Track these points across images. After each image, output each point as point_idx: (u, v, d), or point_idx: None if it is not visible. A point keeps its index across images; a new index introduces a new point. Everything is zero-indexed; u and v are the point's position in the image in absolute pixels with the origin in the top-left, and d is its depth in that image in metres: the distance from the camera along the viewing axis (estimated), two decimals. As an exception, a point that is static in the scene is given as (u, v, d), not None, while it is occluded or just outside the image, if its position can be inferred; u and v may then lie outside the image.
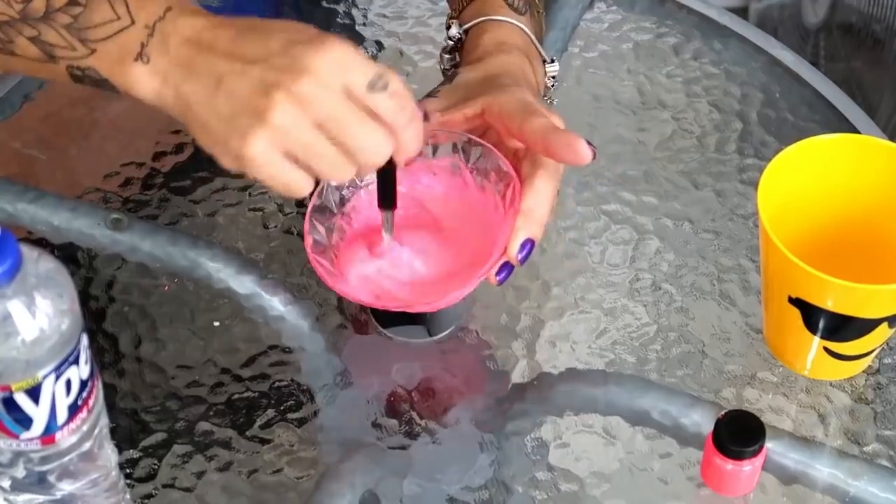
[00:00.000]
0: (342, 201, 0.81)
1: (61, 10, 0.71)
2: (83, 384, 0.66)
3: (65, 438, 0.66)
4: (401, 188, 0.78)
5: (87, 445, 0.68)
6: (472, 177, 0.81)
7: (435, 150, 0.81)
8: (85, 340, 0.65)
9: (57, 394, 0.64)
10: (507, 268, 0.77)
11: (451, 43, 0.87)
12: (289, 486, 0.79)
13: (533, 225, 0.76)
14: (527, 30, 0.86)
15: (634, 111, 1.01)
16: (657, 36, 1.06)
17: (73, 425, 0.66)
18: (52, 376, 0.63)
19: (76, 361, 0.64)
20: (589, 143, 0.74)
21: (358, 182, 0.81)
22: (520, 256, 0.76)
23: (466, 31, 0.86)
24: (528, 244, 0.76)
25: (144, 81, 0.71)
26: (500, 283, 0.77)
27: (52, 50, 0.72)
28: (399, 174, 0.80)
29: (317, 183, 0.77)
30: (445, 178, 0.82)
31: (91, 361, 0.66)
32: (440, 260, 0.80)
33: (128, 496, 0.75)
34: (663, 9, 1.07)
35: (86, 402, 0.66)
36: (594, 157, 0.74)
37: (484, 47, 0.84)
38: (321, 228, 0.79)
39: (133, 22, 0.71)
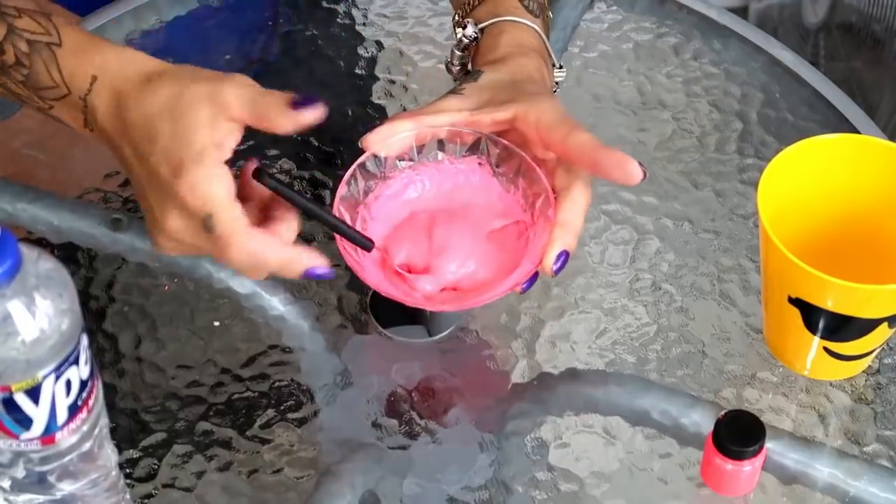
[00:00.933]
0: (367, 191, 0.81)
1: (13, 67, 0.74)
2: (83, 384, 0.66)
3: (65, 439, 0.66)
4: (425, 188, 0.82)
5: (87, 445, 0.68)
6: (498, 180, 0.81)
7: (461, 149, 0.81)
8: (85, 340, 0.65)
9: (57, 394, 0.64)
10: (533, 278, 0.77)
11: (465, 41, 0.87)
12: (289, 486, 0.80)
13: (569, 236, 0.77)
14: (542, 33, 0.86)
15: (634, 111, 1.01)
16: (657, 36, 1.06)
17: (73, 425, 0.66)
18: (52, 376, 0.63)
19: (76, 362, 0.64)
20: (640, 164, 0.74)
21: (385, 172, 0.81)
22: (555, 267, 0.76)
23: (482, 30, 0.86)
24: (564, 255, 0.76)
25: (98, 142, 0.75)
26: (524, 291, 0.78)
27: (19, 98, 0.76)
28: (426, 172, 0.81)
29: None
30: (470, 174, 0.82)
31: (91, 361, 0.66)
32: (465, 260, 0.80)
33: (128, 496, 0.75)
34: (663, 9, 1.07)
35: (86, 402, 0.66)
36: (645, 177, 0.74)
37: (504, 48, 0.84)
38: (346, 216, 0.79)
39: (69, 92, 0.74)
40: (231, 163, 0.96)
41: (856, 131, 0.96)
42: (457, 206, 0.82)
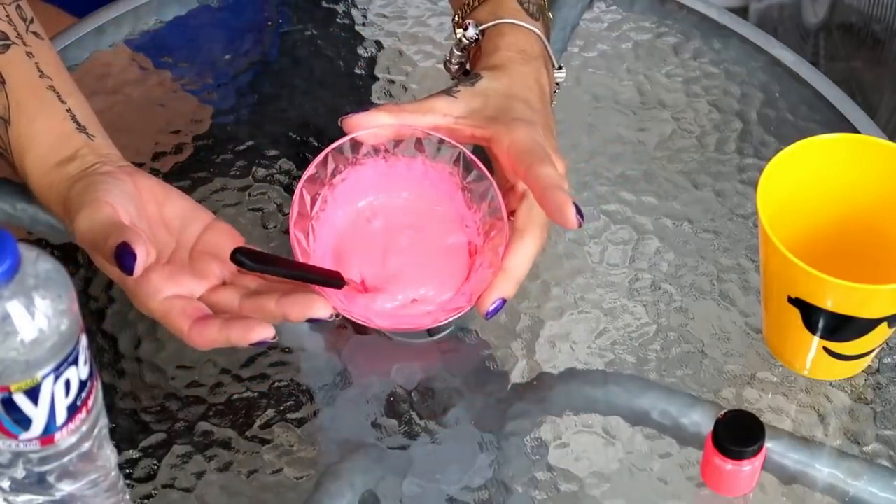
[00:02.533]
0: (334, 173, 0.81)
1: None
2: (82, 385, 0.66)
3: (64, 439, 0.66)
4: (392, 184, 0.82)
5: (86, 446, 0.68)
6: (463, 195, 0.82)
7: (438, 152, 0.81)
8: (84, 341, 0.65)
9: (56, 394, 0.64)
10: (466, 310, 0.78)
11: (465, 42, 0.87)
12: (288, 486, 0.79)
13: (510, 285, 0.77)
14: (543, 37, 0.86)
15: (634, 111, 1.01)
16: (657, 35, 1.06)
17: (72, 426, 0.66)
18: (52, 377, 0.63)
19: (75, 362, 0.64)
20: (578, 212, 0.75)
21: (357, 159, 0.82)
22: (489, 311, 0.77)
23: (482, 32, 0.86)
24: (500, 302, 0.77)
25: None
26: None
27: None
28: (397, 167, 0.82)
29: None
30: (437, 181, 0.82)
31: (90, 362, 0.66)
32: (417, 284, 0.80)
33: (127, 496, 0.75)
34: (663, 8, 1.07)
35: (85, 402, 0.66)
36: (579, 226, 0.75)
37: (505, 52, 0.84)
38: (307, 198, 0.80)
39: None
40: (230, 163, 0.96)
41: (856, 131, 0.96)
42: (417, 211, 0.82)
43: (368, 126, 0.80)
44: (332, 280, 0.77)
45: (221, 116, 1.00)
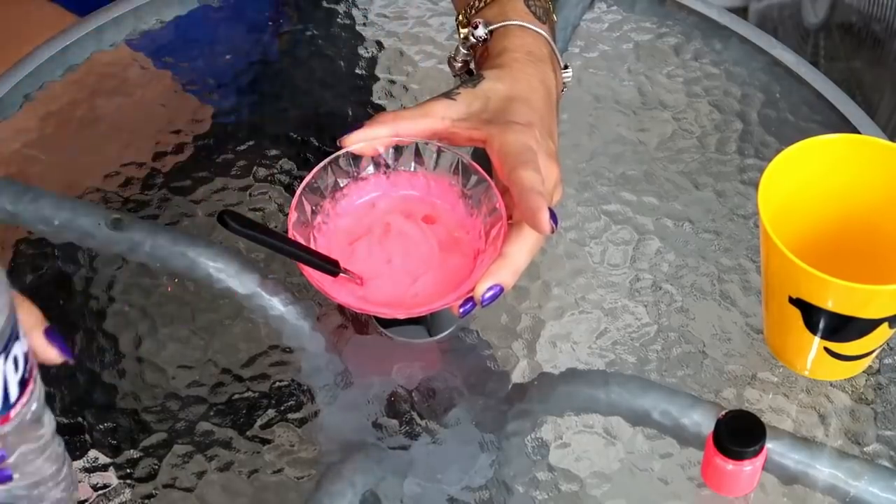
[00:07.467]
0: (335, 188, 0.81)
1: None
2: (25, 357, 0.64)
3: (18, 413, 0.65)
4: (394, 197, 0.83)
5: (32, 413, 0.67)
6: (463, 201, 0.82)
7: (437, 162, 0.81)
8: (13, 306, 0.63)
9: (7, 373, 0.63)
10: (471, 304, 0.77)
11: (473, 40, 0.87)
12: (289, 486, 0.80)
13: (507, 272, 0.76)
14: (550, 40, 0.86)
15: (635, 111, 1.01)
16: (657, 36, 1.06)
17: (23, 399, 0.65)
18: (1, 357, 0.62)
19: (16, 336, 0.63)
20: (553, 218, 0.74)
21: (358, 173, 0.82)
22: (485, 297, 0.76)
23: (490, 32, 0.86)
24: (497, 289, 0.76)
25: None
26: (462, 316, 0.77)
27: None
28: (398, 182, 0.82)
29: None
30: (439, 193, 0.82)
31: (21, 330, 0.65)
32: (414, 271, 0.80)
33: (69, 460, 0.73)
34: (663, 9, 1.07)
35: (31, 374, 0.65)
36: (552, 232, 0.74)
37: (513, 54, 0.84)
38: (307, 207, 0.80)
39: None
40: (231, 163, 0.96)
41: (856, 131, 0.96)
42: (420, 223, 0.82)
43: (365, 141, 0.80)
44: (328, 266, 0.77)
45: (222, 116, 1.00)
